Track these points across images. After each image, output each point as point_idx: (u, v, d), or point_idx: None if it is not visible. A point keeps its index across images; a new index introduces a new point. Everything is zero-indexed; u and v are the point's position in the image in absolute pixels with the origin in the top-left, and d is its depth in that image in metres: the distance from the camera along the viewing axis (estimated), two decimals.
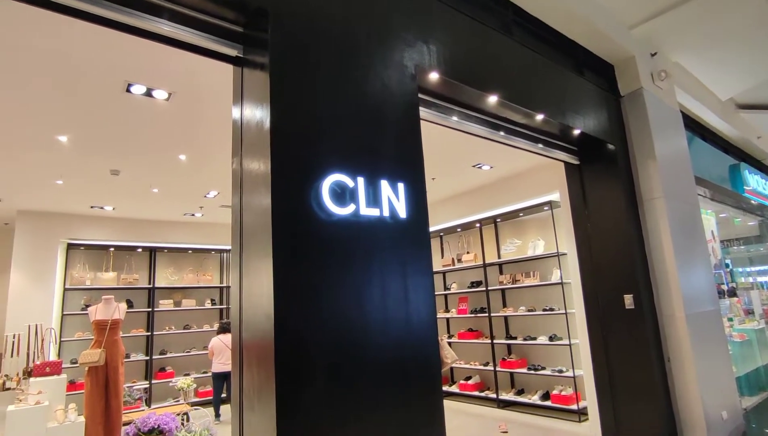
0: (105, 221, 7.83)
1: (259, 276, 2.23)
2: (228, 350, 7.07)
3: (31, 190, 6.16)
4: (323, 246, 2.28)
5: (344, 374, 2.22)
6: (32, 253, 7.16)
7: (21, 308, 6.91)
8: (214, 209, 7.65)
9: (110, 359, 5.03)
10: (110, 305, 5.20)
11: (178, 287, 8.56)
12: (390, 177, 2.61)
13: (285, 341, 2.05)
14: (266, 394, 2.04)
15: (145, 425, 5.07)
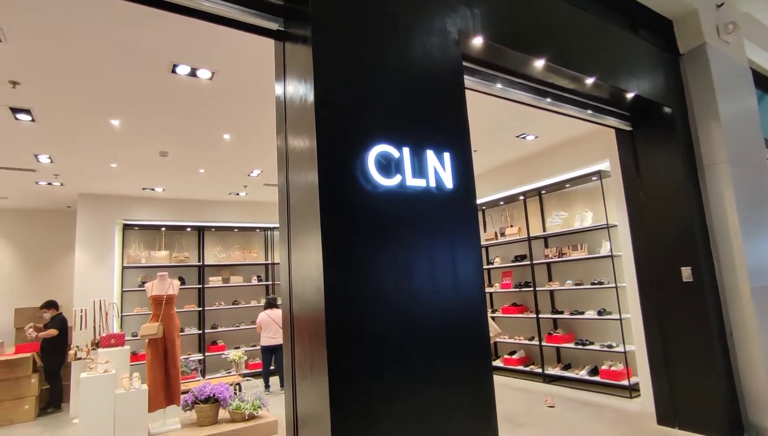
0: (156, 202, 8.18)
1: (307, 250, 2.25)
2: (275, 325, 7.31)
3: (89, 175, 6.49)
4: (370, 218, 2.27)
5: (393, 344, 2.23)
6: (93, 233, 7.60)
7: (86, 284, 7.39)
8: (258, 188, 7.82)
9: (167, 332, 5.31)
10: (165, 281, 5.46)
11: (226, 264, 8.88)
12: (436, 147, 2.55)
13: (335, 312, 2.07)
14: (318, 363, 2.08)
15: (201, 393, 5.36)
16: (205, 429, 5.09)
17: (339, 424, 2.01)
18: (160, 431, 5.07)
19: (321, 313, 2.08)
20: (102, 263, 7.59)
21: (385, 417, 2.13)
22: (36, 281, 8.57)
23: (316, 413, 2.14)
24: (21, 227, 8.56)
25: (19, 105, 4.12)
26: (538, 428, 4.80)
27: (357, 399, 2.08)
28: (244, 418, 5.26)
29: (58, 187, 6.95)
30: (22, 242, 8.57)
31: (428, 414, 2.25)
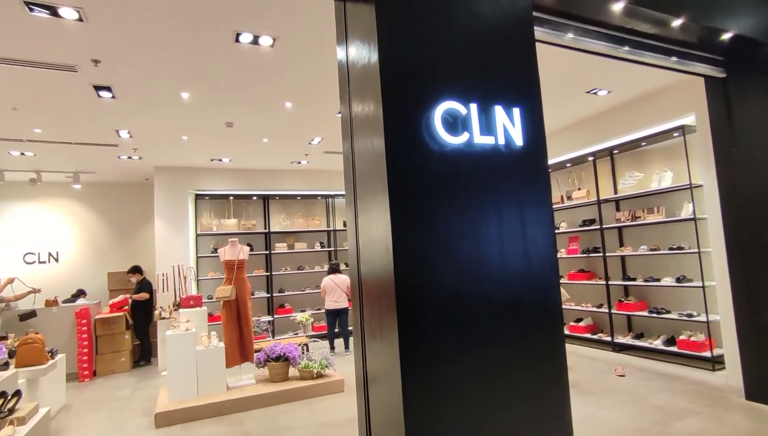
0: (223, 172, 8.56)
1: (375, 214, 2.24)
2: (338, 289, 7.54)
3: (163, 148, 6.88)
4: (437, 179, 2.22)
5: (461, 305, 2.20)
6: (169, 204, 8.13)
7: (165, 251, 7.98)
8: (318, 156, 7.94)
9: (240, 294, 5.64)
10: (235, 247, 5.76)
11: (290, 231, 9.21)
12: (504, 102, 2.41)
13: (404, 274, 2.07)
14: (389, 323, 2.10)
15: (273, 352, 5.69)
16: (276, 385, 5.42)
17: (409, 381, 2.04)
18: (237, 385, 5.47)
19: (390, 275, 2.08)
20: (178, 231, 8.13)
21: (453, 376, 2.13)
22: (123, 248, 9.37)
23: (386, 372, 2.17)
24: (108, 199, 9.32)
25: (101, 82, 4.39)
26: (607, 396, 4.65)
27: (426, 358, 2.09)
28: (312, 376, 5.54)
29: (137, 160, 7.44)
30: (109, 213, 9.35)
31: (495, 375, 2.23)
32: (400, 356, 2.02)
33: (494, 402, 2.21)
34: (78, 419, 5.10)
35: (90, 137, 6.13)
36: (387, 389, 2.18)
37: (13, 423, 2.98)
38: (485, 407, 2.18)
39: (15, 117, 5.22)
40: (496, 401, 2.22)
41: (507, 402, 2.24)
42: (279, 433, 4.33)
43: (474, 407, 2.16)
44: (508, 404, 2.24)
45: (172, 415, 4.74)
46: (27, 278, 8.57)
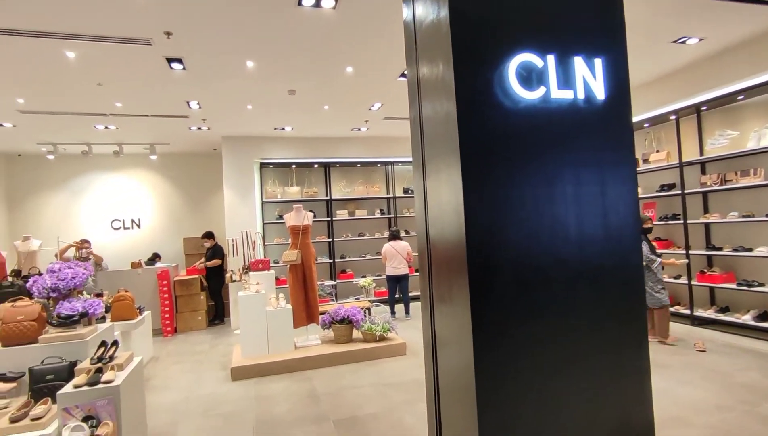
0: (286, 141, 8.76)
1: (444, 178, 2.17)
2: (399, 256, 7.59)
3: (229, 118, 7.13)
4: (510, 137, 2.10)
5: (533, 269, 2.11)
6: (236, 172, 8.49)
7: (234, 217, 8.39)
8: (378, 123, 7.89)
9: (305, 258, 5.83)
10: (300, 213, 5.92)
11: (351, 198, 9.34)
12: (585, 52, 2.21)
13: (476, 238, 2.01)
14: (459, 287, 2.06)
15: (337, 315, 5.87)
16: (341, 346, 5.62)
17: (480, 344, 2.00)
18: (304, 344, 5.73)
19: (461, 239, 2.03)
20: (245, 198, 8.50)
21: (525, 339, 2.07)
22: (196, 215, 9.97)
23: (456, 335, 2.15)
24: (181, 169, 9.89)
25: (173, 54, 4.56)
26: (685, 371, 4.38)
27: (498, 321, 2.04)
28: (375, 339, 5.68)
29: (206, 131, 7.77)
30: (182, 182, 9.94)
31: (569, 341, 2.14)
32: (472, 319, 1.99)
33: (567, 369, 2.13)
34: (165, 370, 5.60)
35: (163, 109, 6.46)
36: (457, 351, 2.16)
37: (113, 369, 3.30)
38: (558, 372, 2.12)
39: (100, 92, 5.58)
40: (570, 367, 2.14)
41: (580, 369, 2.16)
42: (345, 391, 4.50)
43: (545, 372, 2.10)
44: (582, 371, 2.16)
45: (247, 370, 5.06)
46: (114, 242, 9.38)
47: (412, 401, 4.16)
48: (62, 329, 3.66)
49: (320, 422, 3.79)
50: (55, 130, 7.35)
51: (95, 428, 2.98)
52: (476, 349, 1.99)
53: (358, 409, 4.03)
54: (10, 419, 2.97)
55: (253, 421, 3.90)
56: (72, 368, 3.40)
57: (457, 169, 2.04)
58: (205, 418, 4.04)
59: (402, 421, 3.74)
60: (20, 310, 3.60)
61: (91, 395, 3.05)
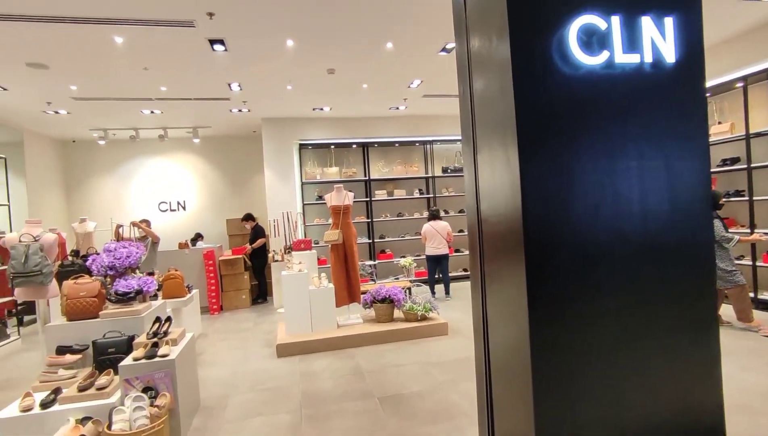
0: (325, 122, 8.76)
1: (498, 154, 2.07)
2: (438, 236, 7.51)
3: (269, 99, 7.17)
4: (569, 106, 1.97)
5: (592, 247, 2.00)
6: (276, 154, 8.59)
7: (275, 199, 8.53)
8: (417, 100, 7.74)
9: (346, 238, 5.85)
10: (341, 193, 5.93)
11: (390, 178, 9.28)
12: (654, 10, 2.04)
13: (533, 213, 1.91)
14: (514, 263, 1.98)
15: (378, 294, 5.88)
16: (383, 325, 5.65)
17: (537, 323, 1.93)
18: (346, 323, 5.79)
19: (517, 214, 1.94)
20: (285, 179, 8.60)
21: (584, 318, 1.98)
22: (238, 197, 10.21)
23: (511, 313, 2.08)
24: (222, 151, 10.11)
25: (215, 36, 4.59)
26: (750, 357, 4.13)
27: (555, 299, 1.96)
28: (416, 318, 5.67)
29: (246, 113, 7.87)
30: (224, 165, 10.17)
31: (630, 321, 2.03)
32: (528, 296, 1.91)
33: (629, 349, 2.03)
34: (213, 346, 5.82)
35: (206, 92, 6.56)
36: (510, 330, 2.10)
37: (168, 343, 3.44)
38: (619, 353, 2.02)
39: (146, 77, 5.72)
40: (632, 348, 2.03)
41: (643, 350, 2.05)
42: (388, 369, 4.53)
43: (606, 352, 2.01)
44: (645, 352, 2.05)
45: (291, 347, 5.18)
46: (161, 224, 9.75)
47: (456, 380, 4.13)
48: (120, 306, 3.84)
49: (366, 399, 3.83)
50: (105, 116, 7.63)
51: (154, 398, 3.12)
52: (532, 328, 1.91)
53: (402, 387, 4.05)
54: (78, 387, 3.15)
55: (300, 396, 3.99)
56: (130, 342, 3.57)
57: (513, 141, 1.94)
58: (253, 392, 4.17)
59: (447, 399, 3.73)
60: (82, 287, 3.78)
61: (149, 368, 3.19)
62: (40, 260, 3.99)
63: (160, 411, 2.98)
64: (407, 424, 3.35)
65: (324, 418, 3.53)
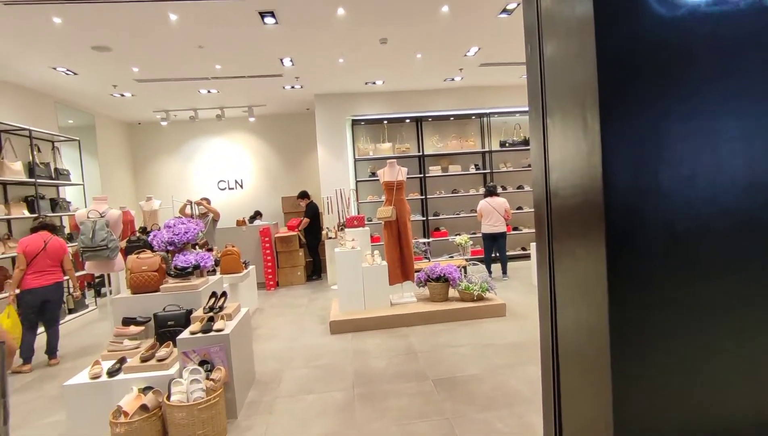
0: (377, 96, 8.56)
1: (575, 116, 1.80)
2: (495, 213, 7.18)
3: (321, 74, 7.06)
4: (663, 57, 1.64)
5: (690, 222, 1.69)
6: (328, 131, 8.53)
7: (328, 176, 8.51)
8: (473, 70, 7.34)
9: (399, 215, 5.69)
10: (394, 169, 5.75)
11: (444, 153, 8.97)
12: None
13: (617, 186, 1.63)
14: (592, 241, 1.72)
15: (433, 272, 5.70)
16: (437, 305, 5.49)
17: (619, 306, 1.67)
18: (400, 302, 5.69)
19: (596, 183, 1.66)
20: (338, 156, 8.54)
21: (675, 302, 1.70)
22: (292, 175, 10.32)
23: (585, 294, 1.82)
24: (277, 130, 10.21)
25: (265, 8, 4.49)
26: None
27: (641, 279, 1.67)
28: (472, 298, 5.46)
29: (299, 90, 7.82)
30: (278, 143, 10.28)
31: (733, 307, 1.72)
32: (608, 276, 1.64)
33: (732, 341, 1.72)
34: (269, 320, 5.93)
35: (259, 69, 6.55)
36: (584, 313, 1.84)
37: (223, 318, 3.49)
38: (718, 346, 1.72)
39: (201, 56, 5.78)
40: (736, 340, 1.73)
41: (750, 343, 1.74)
42: (442, 349, 4.38)
43: (701, 343, 1.71)
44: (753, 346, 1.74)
45: (344, 324, 5.15)
46: (220, 202, 10.07)
47: (515, 364, 3.91)
48: (179, 280, 3.93)
49: (419, 380, 3.71)
50: (166, 98, 7.88)
51: (210, 372, 3.16)
52: (612, 312, 1.65)
53: (457, 369, 3.89)
54: (140, 358, 3.26)
55: (352, 374, 3.94)
56: (188, 315, 3.64)
57: (594, 103, 1.64)
58: (307, 368, 4.17)
59: (506, 384, 3.53)
60: (144, 261, 3.90)
61: (205, 342, 3.24)
62: (106, 235, 4.17)
63: (215, 385, 3.02)
64: (463, 408, 3.19)
65: (377, 398, 3.46)
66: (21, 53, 5.31)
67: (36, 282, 4.55)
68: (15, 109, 6.41)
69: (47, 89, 6.85)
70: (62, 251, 4.71)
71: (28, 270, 4.53)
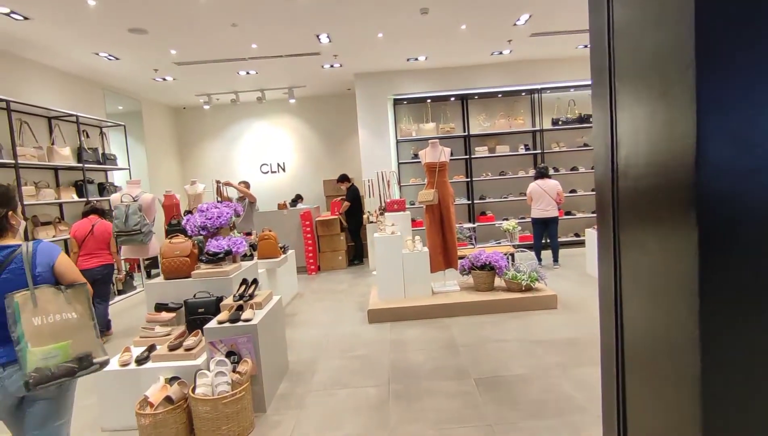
0: (420, 73, 8.14)
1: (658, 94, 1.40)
2: (547, 196, 6.66)
3: (360, 51, 6.75)
4: None
5: None
6: (370, 111, 8.22)
7: (369, 158, 8.24)
8: (524, 41, 6.76)
9: (442, 198, 5.34)
10: (436, 149, 5.38)
11: (491, 133, 8.45)
12: None
13: (712, 158, 1.26)
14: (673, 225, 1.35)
15: (477, 260, 5.34)
16: (481, 294, 5.13)
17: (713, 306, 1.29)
18: (442, 290, 5.38)
19: (685, 162, 1.28)
20: (380, 138, 8.24)
21: None
22: (334, 157, 10.14)
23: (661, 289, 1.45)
24: (318, 111, 10.03)
25: None
26: None
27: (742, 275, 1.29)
28: (520, 288, 5.06)
29: (339, 68, 7.55)
30: (320, 125, 10.11)
31: None
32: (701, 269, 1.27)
33: None
34: (308, 306, 5.81)
35: (296, 47, 6.33)
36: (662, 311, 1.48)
37: (252, 307, 3.33)
38: None
39: (235, 34, 5.62)
40: None
41: None
42: (486, 344, 4.05)
43: None
44: None
45: (383, 313, 4.92)
46: (263, 185, 10.07)
47: (568, 364, 3.52)
48: (211, 266, 3.81)
49: (460, 378, 3.41)
50: (206, 81, 7.86)
51: (236, 363, 3.02)
52: (705, 317, 1.28)
53: (502, 367, 3.55)
54: (168, 347, 3.16)
55: (389, 367, 3.71)
56: (218, 303, 3.52)
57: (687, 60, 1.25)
58: (342, 359, 3.98)
59: (557, 388, 3.16)
60: (176, 246, 3.81)
61: (233, 332, 3.09)
62: (139, 220, 4.13)
63: (241, 378, 2.87)
64: (508, 414, 2.87)
65: (413, 396, 3.20)
66: (62, 38, 5.35)
67: (86, 264, 4.76)
68: (66, 96, 6.57)
69: (94, 75, 6.98)
70: (108, 234, 4.77)
71: (79, 252, 4.75)
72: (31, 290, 1.85)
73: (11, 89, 5.48)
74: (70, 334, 1.87)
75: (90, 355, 1.91)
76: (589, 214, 8.44)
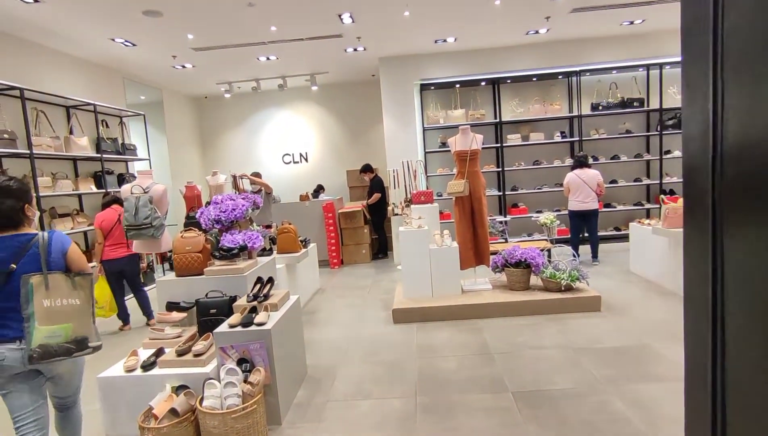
0: (448, 56, 7.68)
1: None
2: (586, 187, 6.16)
3: (385, 32, 6.35)
4: None
5: None
6: (395, 97, 7.83)
7: (394, 147, 7.86)
8: (563, 18, 6.22)
9: (473, 189, 4.94)
10: (467, 136, 4.97)
11: (524, 120, 7.93)
12: None
13: None
14: None
15: (511, 256, 4.92)
16: (516, 294, 4.73)
17: None
18: (472, 289, 5.00)
19: None
20: (405, 125, 7.85)
21: None
22: (357, 147, 9.79)
23: None
24: (341, 99, 9.68)
25: None
26: None
27: None
28: (559, 288, 4.63)
29: (362, 52, 7.18)
30: (343, 113, 9.77)
31: None
32: None
33: None
34: (329, 303, 5.52)
35: (316, 30, 5.99)
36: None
37: (267, 309, 3.04)
38: None
39: (253, 16, 5.31)
40: None
41: None
42: (523, 351, 3.67)
43: None
44: None
45: (409, 313, 4.59)
46: (285, 176, 9.83)
47: (620, 378, 3.11)
48: (224, 262, 3.54)
49: (497, 391, 3.05)
50: (226, 68, 7.61)
51: (248, 372, 2.74)
52: None
53: (543, 379, 3.17)
54: (176, 352, 2.91)
55: (416, 375, 3.37)
56: (232, 303, 3.24)
57: None
58: (364, 364, 3.67)
59: (610, 406, 2.76)
60: (188, 241, 3.55)
61: (244, 337, 2.80)
62: (149, 213, 3.88)
63: (252, 390, 2.58)
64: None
65: (443, 411, 2.86)
66: (75, 23, 5.15)
67: (113, 254, 4.78)
68: (85, 85, 6.43)
69: (113, 63, 6.81)
70: None
71: (106, 242, 4.74)
72: (45, 274, 2.05)
73: (25, 76, 5.33)
74: (73, 317, 2.08)
75: (87, 339, 2.11)
76: (631, 207, 7.85)
